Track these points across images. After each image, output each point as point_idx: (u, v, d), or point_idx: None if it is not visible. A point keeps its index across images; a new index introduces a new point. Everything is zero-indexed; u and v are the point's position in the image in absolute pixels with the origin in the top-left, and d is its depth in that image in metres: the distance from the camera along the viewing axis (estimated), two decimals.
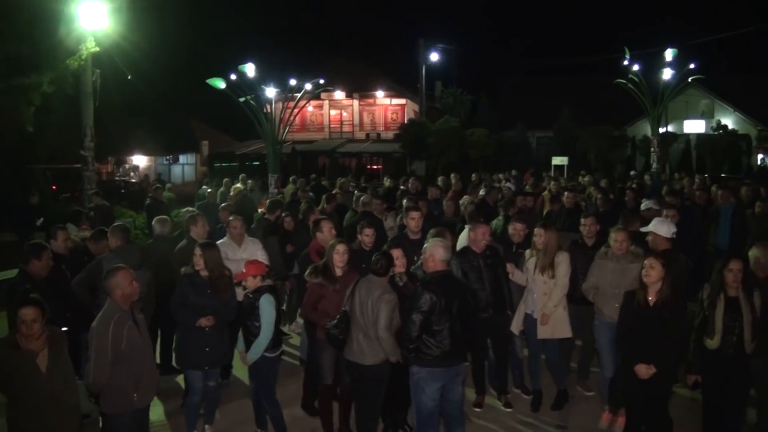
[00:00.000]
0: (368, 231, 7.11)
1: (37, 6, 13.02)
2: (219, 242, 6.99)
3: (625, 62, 22.65)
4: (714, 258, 7.96)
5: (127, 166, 37.94)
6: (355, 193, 12.94)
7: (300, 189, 14.53)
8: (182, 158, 41.80)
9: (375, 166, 39.12)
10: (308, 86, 19.84)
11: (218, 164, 38.40)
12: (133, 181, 32.89)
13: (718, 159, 32.36)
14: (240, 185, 15.86)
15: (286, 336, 8.80)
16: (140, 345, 4.97)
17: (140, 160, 39.08)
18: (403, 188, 13.67)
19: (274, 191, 17.21)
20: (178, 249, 7.26)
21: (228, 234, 7.72)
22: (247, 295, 5.92)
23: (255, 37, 49.02)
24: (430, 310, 5.12)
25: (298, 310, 8.37)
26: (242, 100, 16.61)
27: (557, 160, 27.29)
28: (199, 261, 6.08)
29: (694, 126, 37.33)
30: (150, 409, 5.40)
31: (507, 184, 15.76)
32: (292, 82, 19.87)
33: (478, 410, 6.82)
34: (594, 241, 7.10)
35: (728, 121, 35.26)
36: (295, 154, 36.50)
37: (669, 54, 22.64)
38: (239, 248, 7.55)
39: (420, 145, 33.06)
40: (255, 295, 5.83)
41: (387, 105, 41.80)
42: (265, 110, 17.82)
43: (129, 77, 17.93)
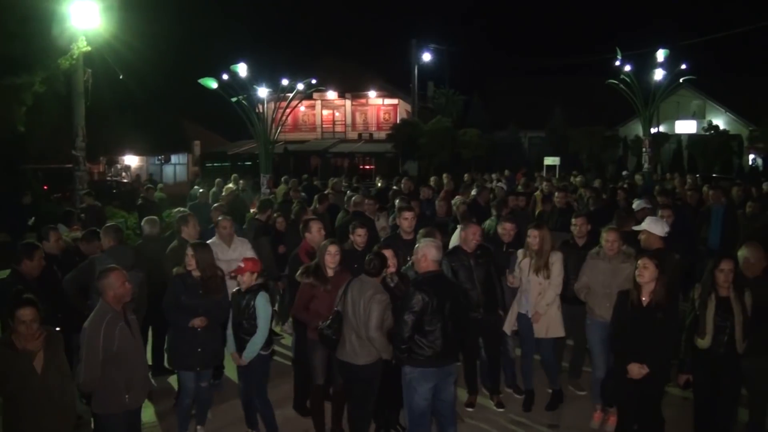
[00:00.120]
0: (360, 231, 7.12)
1: (28, 5, 12.91)
2: (208, 242, 6.95)
3: (617, 63, 22.82)
4: (705, 258, 8.01)
5: (118, 166, 37.85)
6: (347, 193, 12.94)
7: (292, 189, 14.49)
8: (174, 158, 41.62)
9: (367, 166, 38.95)
10: (300, 86, 19.82)
11: (210, 164, 38.14)
12: (125, 181, 32.79)
13: (710, 159, 32.46)
14: (232, 185, 15.79)
15: (277, 336, 8.79)
16: (132, 346, 4.97)
17: (132, 160, 39.03)
18: (395, 188, 13.63)
19: (266, 191, 17.18)
20: (170, 249, 7.23)
21: (217, 234, 7.70)
22: (239, 291, 5.92)
23: (247, 37, 48.78)
24: (422, 311, 5.13)
25: None
26: (234, 100, 16.58)
27: (549, 161, 27.38)
28: (191, 261, 6.07)
29: (686, 126, 37.57)
30: (142, 410, 5.39)
31: (499, 184, 15.75)
32: (284, 82, 19.78)
33: (470, 410, 6.82)
34: (585, 241, 7.12)
35: (719, 122, 35.43)
36: (287, 154, 36.41)
37: (660, 54, 22.82)
38: (229, 248, 7.55)
39: (412, 145, 33.04)
40: (249, 293, 5.83)
41: (379, 105, 41.74)
42: (257, 110, 17.77)
43: (121, 77, 17.92)
